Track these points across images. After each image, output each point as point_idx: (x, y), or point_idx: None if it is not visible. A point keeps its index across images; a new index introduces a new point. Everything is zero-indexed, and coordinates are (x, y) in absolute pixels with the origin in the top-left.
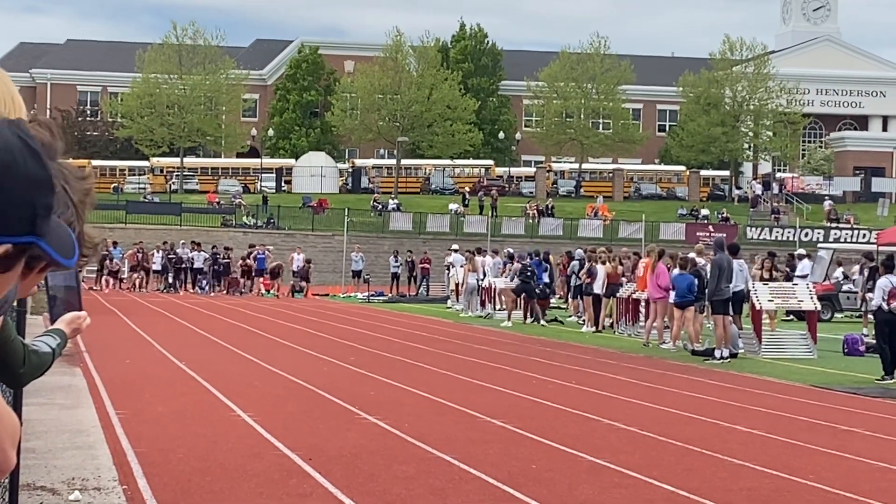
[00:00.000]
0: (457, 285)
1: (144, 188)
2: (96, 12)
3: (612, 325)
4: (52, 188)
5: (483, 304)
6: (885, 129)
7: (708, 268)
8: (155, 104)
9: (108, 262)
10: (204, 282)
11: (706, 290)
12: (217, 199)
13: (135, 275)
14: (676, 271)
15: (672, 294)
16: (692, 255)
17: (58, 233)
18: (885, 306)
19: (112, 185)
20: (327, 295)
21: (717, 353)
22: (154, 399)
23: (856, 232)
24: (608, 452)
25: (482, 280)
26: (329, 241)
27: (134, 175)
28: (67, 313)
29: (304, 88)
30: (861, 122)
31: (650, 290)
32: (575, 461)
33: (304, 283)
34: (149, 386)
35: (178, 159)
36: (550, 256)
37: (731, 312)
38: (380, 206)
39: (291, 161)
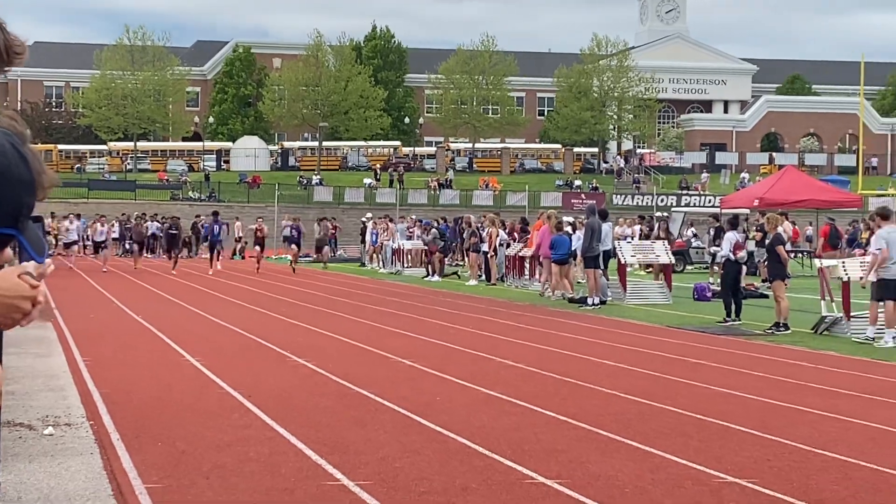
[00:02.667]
0: (372, 246)
1: (103, 168)
2: (58, 17)
3: (501, 279)
4: (35, 190)
5: (393, 262)
6: (725, 111)
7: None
8: (111, 96)
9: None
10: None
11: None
12: (166, 177)
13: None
14: (556, 233)
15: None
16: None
17: (33, 231)
18: (731, 256)
19: (75, 166)
20: (265, 256)
21: (590, 301)
22: (115, 348)
23: (703, 198)
24: (500, 385)
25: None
26: (262, 212)
27: (94, 157)
28: (31, 262)
29: (239, 82)
30: (706, 105)
31: (544, 249)
32: (472, 393)
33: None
34: (110, 337)
35: (132, 143)
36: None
37: (601, 267)
38: (305, 182)
39: (229, 144)
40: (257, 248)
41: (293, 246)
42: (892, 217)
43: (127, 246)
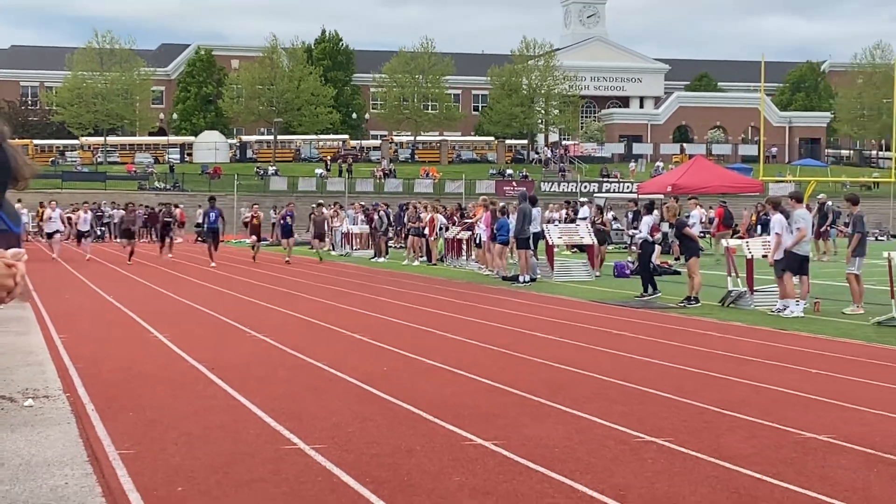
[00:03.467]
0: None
1: (76, 161)
2: (32, 22)
3: (441, 259)
4: (10, 170)
5: (342, 245)
6: (641, 106)
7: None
8: (82, 95)
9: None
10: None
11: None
12: (134, 169)
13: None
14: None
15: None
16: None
17: (9, 206)
18: (649, 238)
19: (50, 160)
20: (223, 241)
21: (521, 279)
22: (89, 326)
23: (622, 184)
24: (441, 357)
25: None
26: (223, 200)
27: (67, 151)
28: (10, 249)
29: (200, 82)
30: (624, 101)
31: (490, 232)
32: (417, 364)
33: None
34: (84, 316)
35: (102, 138)
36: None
37: (531, 247)
38: (261, 172)
39: (192, 138)
40: (253, 237)
41: (291, 238)
42: (804, 200)
43: (98, 232)
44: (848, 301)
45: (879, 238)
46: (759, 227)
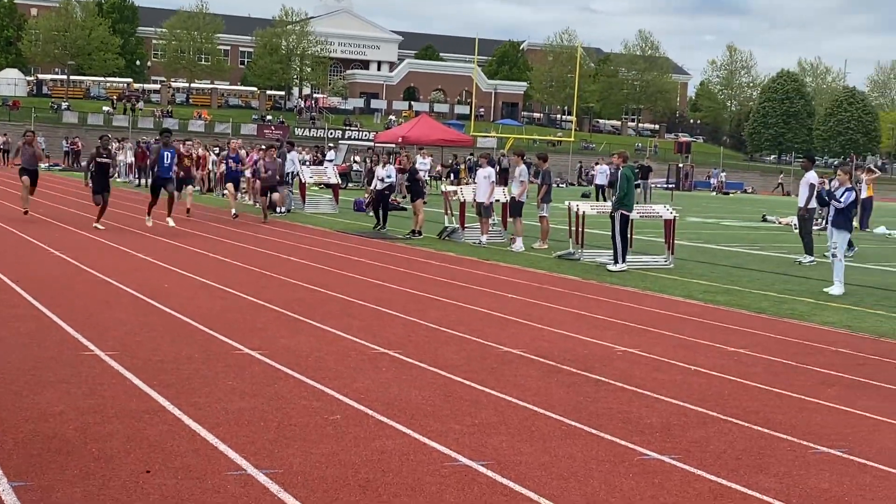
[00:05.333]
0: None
1: None
2: None
3: (210, 189)
4: None
5: (127, 174)
6: (378, 69)
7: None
8: None
9: None
10: None
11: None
12: None
13: None
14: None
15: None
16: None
17: None
18: (394, 182)
19: None
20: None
21: (279, 210)
22: None
23: (362, 133)
24: (212, 276)
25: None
26: (20, 130)
27: None
28: None
29: (2, 25)
30: (365, 64)
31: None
32: (192, 282)
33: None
34: None
35: None
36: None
37: (290, 184)
38: (55, 106)
39: None
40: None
41: (230, 184)
42: (526, 155)
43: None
44: (536, 238)
45: (560, 185)
46: (450, 174)
